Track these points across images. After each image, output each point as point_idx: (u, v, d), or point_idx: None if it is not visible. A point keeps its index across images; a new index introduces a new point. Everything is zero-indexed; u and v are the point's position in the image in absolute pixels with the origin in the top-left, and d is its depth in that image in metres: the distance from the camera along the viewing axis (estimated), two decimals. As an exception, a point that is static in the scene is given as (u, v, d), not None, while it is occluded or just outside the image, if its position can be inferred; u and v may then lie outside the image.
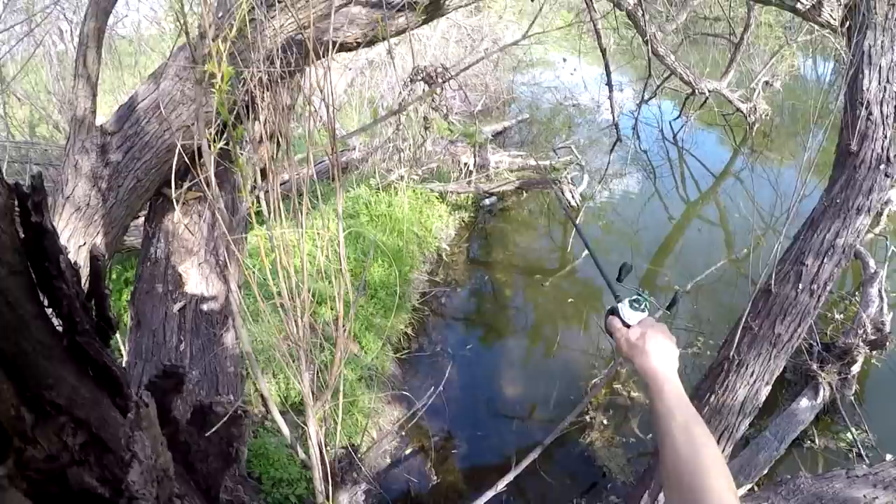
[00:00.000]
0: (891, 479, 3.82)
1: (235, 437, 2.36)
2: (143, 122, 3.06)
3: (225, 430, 2.34)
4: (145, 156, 3.10)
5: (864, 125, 4.26)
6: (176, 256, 3.42)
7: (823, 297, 3.94)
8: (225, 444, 2.41)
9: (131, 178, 3.10)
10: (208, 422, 2.36)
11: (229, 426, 2.33)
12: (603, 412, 5.42)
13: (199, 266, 3.47)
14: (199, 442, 2.46)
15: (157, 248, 3.42)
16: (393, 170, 7.81)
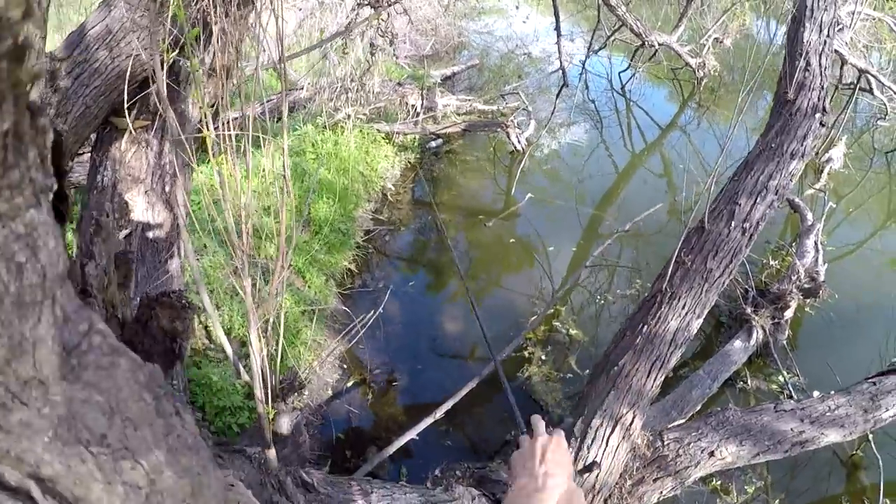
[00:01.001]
0: (817, 415, 3.98)
1: (179, 332, 2.37)
2: (93, 48, 3.02)
3: (169, 325, 2.35)
4: (94, 82, 3.06)
5: (802, 75, 4.35)
6: (122, 184, 3.38)
7: (755, 237, 4.04)
8: (169, 341, 2.42)
9: (80, 104, 3.07)
10: (154, 316, 2.36)
11: (173, 320, 2.33)
12: (542, 348, 5.51)
13: (145, 194, 3.44)
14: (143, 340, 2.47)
15: (104, 177, 3.38)
16: (340, 109, 7.75)
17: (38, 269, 0.54)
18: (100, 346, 0.64)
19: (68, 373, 0.61)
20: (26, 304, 0.54)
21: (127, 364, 0.68)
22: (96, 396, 0.63)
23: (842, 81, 9.23)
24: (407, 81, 8.99)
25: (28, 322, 0.55)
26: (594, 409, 3.67)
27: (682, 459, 3.78)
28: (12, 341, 0.54)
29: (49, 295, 0.56)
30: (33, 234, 0.52)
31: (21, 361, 0.55)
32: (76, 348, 0.61)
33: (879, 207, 8.61)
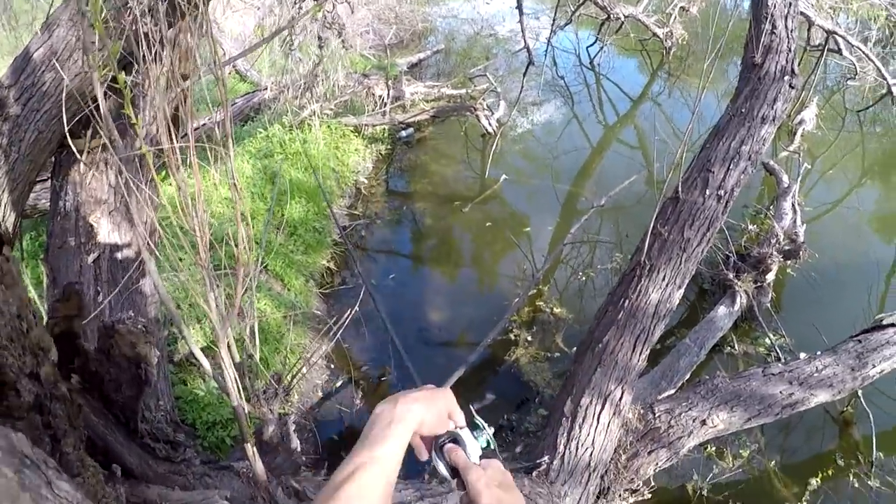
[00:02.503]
0: (805, 376, 3.98)
1: (143, 357, 2.33)
2: (39, 71, 2.94)
3: (131, 351, 2.31)
4: (45, 106, 2.99)
5: (769, 39, 4.33)
6: (85, 207, 3.32)
7: (731, 203, 4.02)
8: (134, 367, 2.38)
9: (32, 130, 2.99)
10: (115, 345, 2.32)
11: (135, 346, 2.30)
12: (527, 330, 5.50)
13: (109, 215, 3.38)
14: (109, 370, 2.42)
15: (66, 202, 3.32)
16: (305, 106, 7.67)
17: None
18: None
19: None
20: None
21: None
22: None
23: (810, 43, 9.24)
24: (372, 72, 8.93)
25: None
26: (582, 388, 3.66)
27: (675, 430, 3.78)
28: None
29: None
30: None
31: None
32: None
33: (854, 166, 8.65)
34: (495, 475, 1.24)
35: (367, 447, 1.17)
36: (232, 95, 8.26)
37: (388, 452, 1.17)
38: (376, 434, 1.20)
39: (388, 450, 1.17)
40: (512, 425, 4.76)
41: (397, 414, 1.22)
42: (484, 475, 1.22)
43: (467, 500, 1.23)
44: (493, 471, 1.25)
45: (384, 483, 1.14)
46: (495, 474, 1.24)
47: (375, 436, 1.19)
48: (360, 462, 1.14)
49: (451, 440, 1.31)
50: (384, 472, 1.15)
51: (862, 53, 8.79)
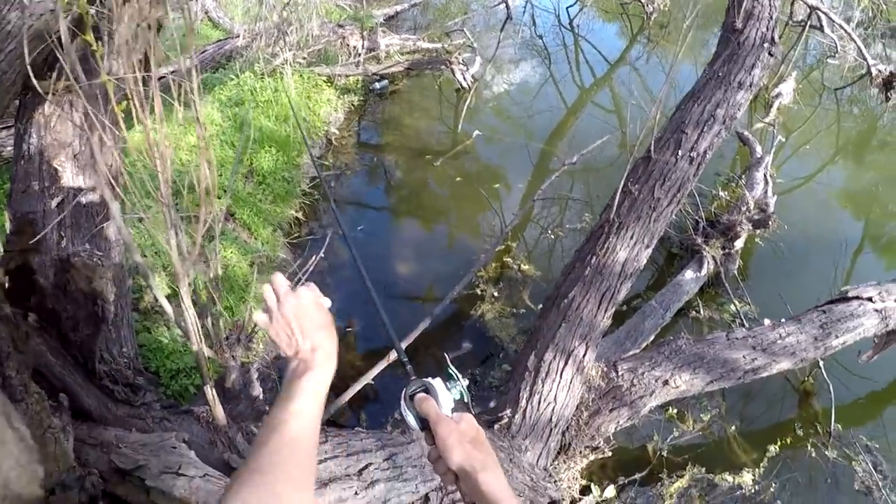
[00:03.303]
0: (769, 343, 4.01)
1: (99, 293, 2.28)
2: (3, 10, 2.84)
3: (88, 286, 2.26)
4: (8, 46, 2.88)
5: (751, 4, 4.31)
6: (50, 151, 3.23)
7: (703, 166, 4.01)
8: (91, 304, 2.34)
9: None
10: (71, 279, 2.27)
11: (91, 281, 2.25)
12: (493, 286, 5.50)
13: (74, 158, 3.30)
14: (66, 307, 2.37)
15: (30, 145, 3.22)
16: (278, 54, 7.53)
17: None
18: None
19: None
20: None
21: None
22: None
23: (792, 18, 9.21)
24: (347, 23, 8.77)
25: None
26: (546, 344, 3.65)
27: (637, 389, 3.79)
28: None
29: None
30: None
31: None
32: None
33: (828, 143, 8.70)
34: (468, 430, 1.22)
35: (281, 404, 1.20)
36: (203, 42, 8.10)
37: (305, 406, 1.19)
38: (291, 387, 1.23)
39: (303, 403, 1.20)
40: (476, 379, 4.76)
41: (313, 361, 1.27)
42: (456, 429, 1.20)
43: (436, 455, 1.20)
44: (465, 425, 1.22)
45: (308, 436, 1.16)
46: (468, 429, 1.22)
47: (290, 389, 1.22)
48: (279, 420, 1.16)
49: (422, 389, 1.28)
50: (303, 426, 1.17)
51: (844, 32, 8.75)
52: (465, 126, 7.95)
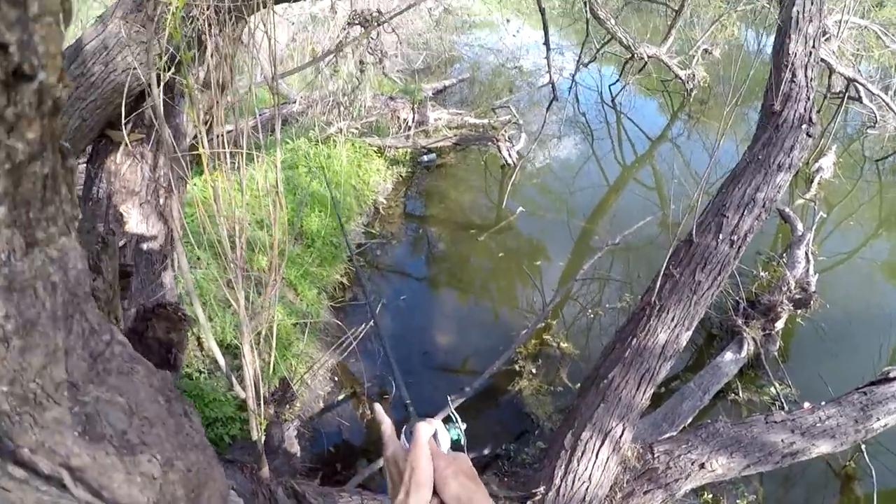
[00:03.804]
0: (808, 426, 3.98)
1: (175, 343, 2.38)
2: (89, 63, 3.04)
3: (165, 336, 2.36)
4: (91, 96, 3.08)
5: (789, 87, 4.37)
6: (117, 196, 3.40)
7: (743, 249, 4.05)
8: (164, 351, 2.44)
9: (76, 117, 3.10)
10: (150, 327, 2.38)
11: (170, 331, 2.35)
12: (533, 362, 5.53)
13: (139, 206, 3.46)
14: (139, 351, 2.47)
15: (99, 189, 3.40)
16: (332, 123, 7.78)
17: (68, 287, 0.62)
18: (121, 354, 0.72)
19: (94, 377, 0.69)
20: (59, 317, 0.62)
21: (144, 370, 0.77)
22: (118, 398, 0.71)
23: (830, 90, 9.29)
24: (398, 95, 9.02)
25: (61, 333, 0.63)
26: (584, 423, 3.68)
27: (673, 472, 3.79)
28: (48, 349, 0.61)
29: (78, 309, 0.65)
30: (64, 258, 0.61)
31: (55, 367, 0.63)
32: (101, 356, 0.70)
33: (870, 216, 8.64)
34: (463, 465, 1.24)
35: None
36: (261, 105, 8.38)
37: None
38: None
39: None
40: (509, 455, 4.78)
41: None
42: (453, 463, 1.23)
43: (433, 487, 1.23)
44: (461, 462, 1.25)
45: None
46: (462, 465, 1.24)
47: None
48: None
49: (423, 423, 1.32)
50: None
51: (882, 101, 8.82)
52: (509, 201, 8.07)
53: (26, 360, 0.59)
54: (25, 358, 0.58)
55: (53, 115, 0.57)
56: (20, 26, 0.50)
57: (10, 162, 0.53)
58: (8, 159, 0.53)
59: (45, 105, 0.55)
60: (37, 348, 0.59)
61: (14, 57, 0.51)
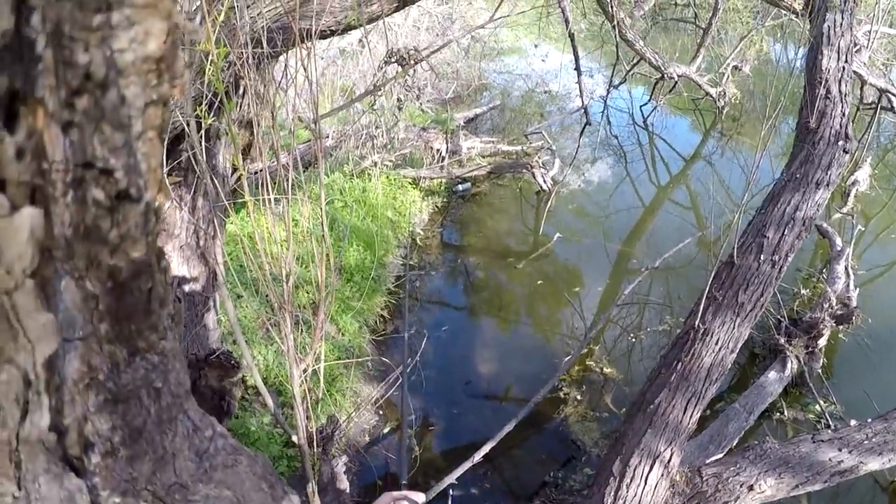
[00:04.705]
0: (856, 443, 3.95)
1: (227, 391, 2.44)
2: None
3: (218, 384, 2.42)
4: (127, 137, 3.16)
5: (823, 103, 4.38)
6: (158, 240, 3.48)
7: (785, 268, 4.05)
8: (217, 399, 2.50)
9: (113, 162, 3.17)
10: (202, 376, 2.44)
11: (222, 379, 2.41)
12: (577, 388, 5.53)
13: (180, 249, 3.53)
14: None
15: (139, 232, 3.48)
16: (367, 156, 7.88)
17: (170, 390, 0.64)
18: (224, 447, 0.75)
19: (202, 475, 0.70)
20: (164, 421, 0.64)
21: (246, 460, 0.78)
22: (226, 492, 0.73)
23: (863, 102, 9.23)
24: (431, 126, 9.11)
25: (167, 437, 0.65)
26: (632, 448, 3.69)
27: (722, 494, 3.78)
28: (156, 454, 0.63)
29: (181, 410, 0.67)
30: (164, 361, 0.62)
31: (164, 471, 0.65)
32: (206, 453, 0.72)
33: (909, 226, 8.54)
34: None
35: None
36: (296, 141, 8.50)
37: None
38: None
39: None
40: (557, 483, 4.78)
41: None
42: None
43: None
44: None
45: None
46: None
47: None
48: None
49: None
50: None
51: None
52: (545, 227, 8.08)
53: (136, 469, 0.61)
54: (135, 467, 0.61)
55: (157, 226, 0.58)
56: (125, 149, 0.50)
57: (113, 281, 0.54)
58: (111, 278, 0.54)
59: (150, 223, 0.56)
60: (145, 456, 0.62)
61: (121, 182, 0.51)
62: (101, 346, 0.54)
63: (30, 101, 0.42)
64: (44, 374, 0.50)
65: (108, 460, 0.58)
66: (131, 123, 0.50)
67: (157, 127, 0.53)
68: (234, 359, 2.42)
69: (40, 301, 0.47)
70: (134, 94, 0.48)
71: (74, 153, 0.47)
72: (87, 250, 0.51)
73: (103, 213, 0.51)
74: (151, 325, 0.59)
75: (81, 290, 0.51)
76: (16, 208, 0.43)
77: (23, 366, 0.47)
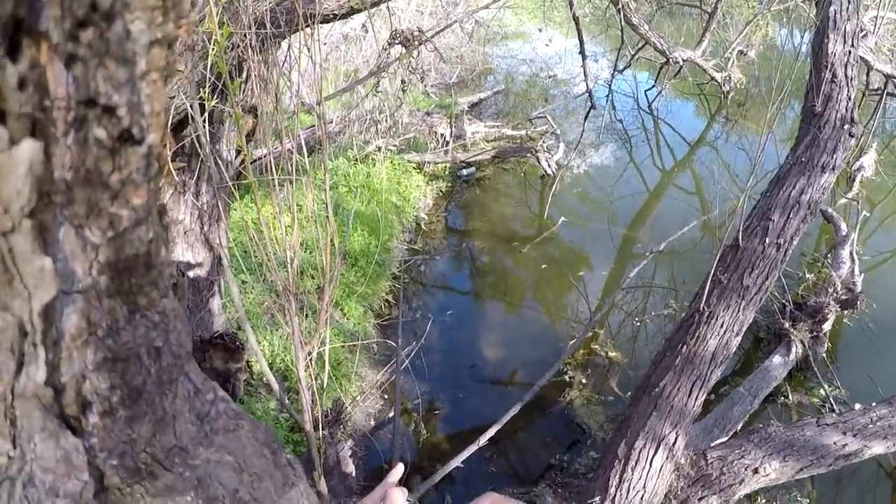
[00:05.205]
0: (860, 427, 3.96)
1: (233, 373, 2.44)
2: None
3: (223, 366, 2.42)
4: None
5: (829, 87, 4.35)
6: (162, 225, 3.48)
7: (790, 252, 4.04)
8: (223, 381, 2.49)
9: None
10: (207, 358, 2.43)
11: (227, 361, 2.40)
12: (582, 371, 5.54)
13: (184, 234, 3.53)
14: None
15: (143, 218, 3.47)
16: (370, 141, 7.86)
17: (171, 350, 0.62)
18: (225, 411, 0.73)
19: (203, 438, 0.69)
20: (164, 382, 0.63)
21: (248, 425, 0.77)
22: (227, 457, 0.71)
23: (869, 87, 9.20)
24: (435, 111, 9.08)
25: (168, 398, 0.63)
26: (637, 431, 3.69)
27: (727, 477, 3.79)
28: (156, 416, 0.62)
29: (182, 372, 0.65)
30: (166, 321, 0.61)
31: (164, 433, 0.63)
32: (207, 416, 0.70)
33: (914, 212, 8.52)
34: None
35: None
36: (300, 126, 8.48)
37: None
38: None
39: None
40: (562, 466, 4.79)
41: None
42: None
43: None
44: None
45: None
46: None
47: None
48: None
49: None
50: None
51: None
52: (550, 211, 8.09)
53: (135, 431, 0.60)
54: (134, 428, 0.60)
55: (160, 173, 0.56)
56: (129, 86, 0.48)
57: (114, 230, 0.52)
58: (111, 227, 0.52)
59: (153, 168, 0.54)
60: (144, 417, 0.60)
61: (123, 121, 0.49)
62: (100, 300, 0.53)
63: (33, 33, 0.41)
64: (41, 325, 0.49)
65: (106, 420, 0.57)
66: (136, 60, 0.49)
67: (161, 69, 0.52)
68: (238, 340, 2.42)
69: (38, 245, 0.46)
70: (139, 30, 0.47)
71: (77, 89, 0.45)
72: (88, 196, 0.49)
73: (105, 155, 0.49)
74: (152, 280, 0.58)
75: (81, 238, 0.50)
76: (15, 142, 0.41)
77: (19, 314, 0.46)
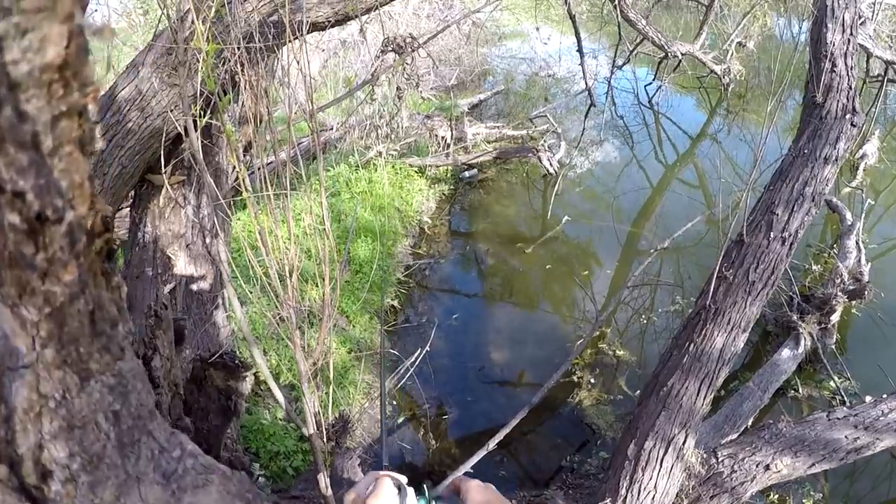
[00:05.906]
0: (871, 420, 3.93)
1: (234, 390, 2.43)
2: (124, 110, 3.11)
3: (224, 384, 2.41)
4: (129, 143, 3.15)
5: (829, 77, 4.32)
6: (163, 240, 3.48)
7: (795, 245, 4.01)
8: (224, 399, 2.48)
9: (116, 165, 3.16)
10: (208, 377, 2.43)
11: (228, 379, 2.39)
12: (590, 371, 5.51)
13: (186, 248, 3.53)
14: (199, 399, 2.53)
15: (145, 233, 3.47)
16: (371, 146, 7.85)
17: (131, 412, 0.61)
18: (193, 467, 0.71)
19: (170, 497, 0.67)
20: (126, 444, 0.61)
21: (219, 478, 0.75)
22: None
23: (869, 74, 9.16)
24: (435, 113, 9.08)
25: (130, 460, 0.62)
26: (646, 432, 3.67)
27: (738, 475, 3.77)
28: (118, 480, 0.60)
29: (144, 431, 0.64)
30: (123, 382, 0.59)
31: (129, 496, 0.62)
32: (173, 474, 0.68)
33: (919, 198, 8.47)
34: None
35: None
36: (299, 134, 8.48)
37: None
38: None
39: None
40: (573, 467, 4.77)
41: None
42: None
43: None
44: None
45: None
46: None
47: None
48: None
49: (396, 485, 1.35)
50: None
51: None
52: (553, 210, 8.07)
53: (97, 496, 0.59)
54: (97, 493, 0.59)
55: (90, 246, 0.54)
56: (34, 170, 0.47)
57: (50, 306, 0.52)
58: (47, 304, 0.51)
59: (80, 243, 0.52)
60: (107, 481, 0.59)
61: (33, 205, 0.48)
62: (49, 372, 0.52)
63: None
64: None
65: (68, 487, 0.56)
66: (40, 140, 0.47)
67: (74, 140, 0.50)
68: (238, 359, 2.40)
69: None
70: (37, 108, 0.45)
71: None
72: (17, 277, 0.48)
73: (23, 238, 0.48)
74: (102, 346, 0.57)
75: (18, 317, 0.49)
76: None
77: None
